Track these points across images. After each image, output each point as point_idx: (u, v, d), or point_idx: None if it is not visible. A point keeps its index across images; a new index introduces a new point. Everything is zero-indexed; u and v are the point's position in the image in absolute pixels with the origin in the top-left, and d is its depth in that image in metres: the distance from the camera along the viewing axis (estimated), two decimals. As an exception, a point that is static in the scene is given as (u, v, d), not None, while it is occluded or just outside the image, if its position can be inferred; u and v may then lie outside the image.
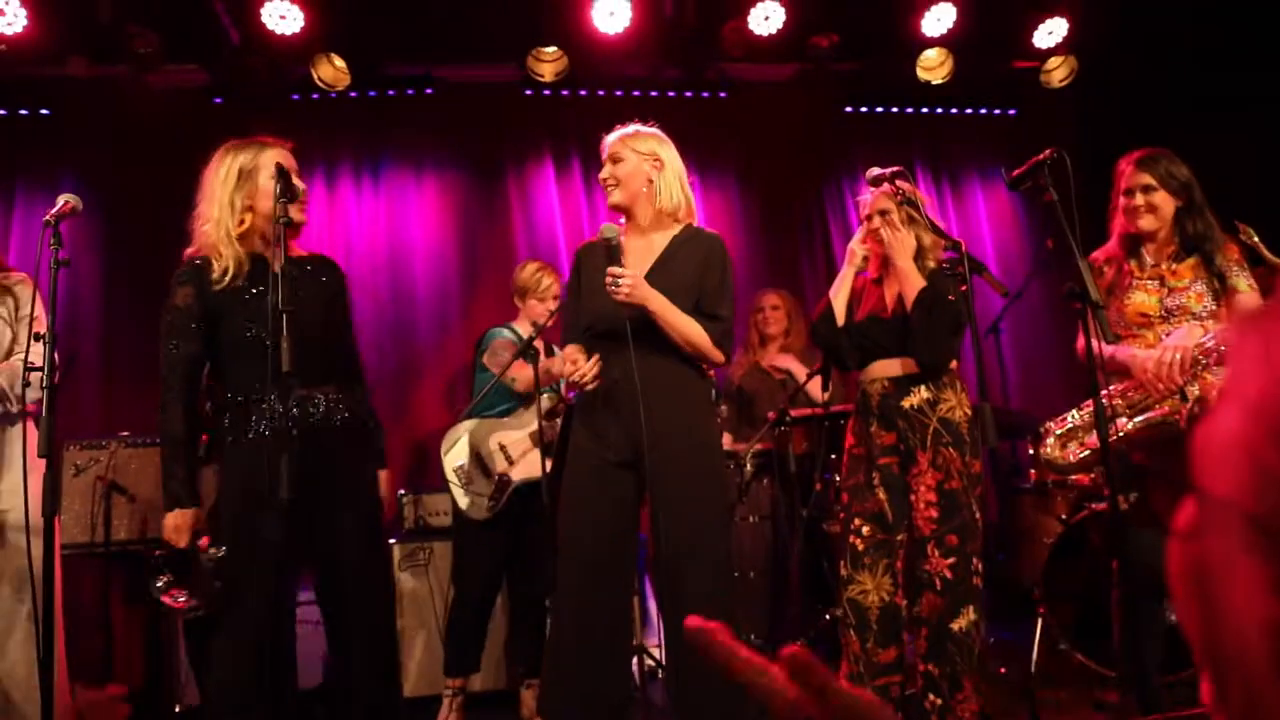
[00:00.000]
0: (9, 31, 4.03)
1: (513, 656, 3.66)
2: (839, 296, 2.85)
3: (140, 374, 4.45)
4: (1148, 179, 2.66)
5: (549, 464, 3.06)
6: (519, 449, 3.46)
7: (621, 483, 2.44)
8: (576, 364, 2.44)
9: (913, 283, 2.69)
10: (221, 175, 2.34)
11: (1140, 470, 2.63)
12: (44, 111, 4.66)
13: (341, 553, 2.38)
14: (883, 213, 2.76)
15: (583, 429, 2.52)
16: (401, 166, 4.99)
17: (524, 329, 3.61)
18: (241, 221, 2.37)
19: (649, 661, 3.46)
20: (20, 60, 4.19)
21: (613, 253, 2.40)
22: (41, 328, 2.24)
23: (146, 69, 4.32)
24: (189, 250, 2.41)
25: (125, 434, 3.79)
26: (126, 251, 4.57)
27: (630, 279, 2.36)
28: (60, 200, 2.36)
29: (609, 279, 2.36)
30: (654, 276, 2.47)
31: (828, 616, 3.83)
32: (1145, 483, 2.62)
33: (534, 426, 3.40)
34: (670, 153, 2.57)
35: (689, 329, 2.42)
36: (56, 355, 2.23)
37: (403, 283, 4.83)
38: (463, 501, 3.39)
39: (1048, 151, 2.23)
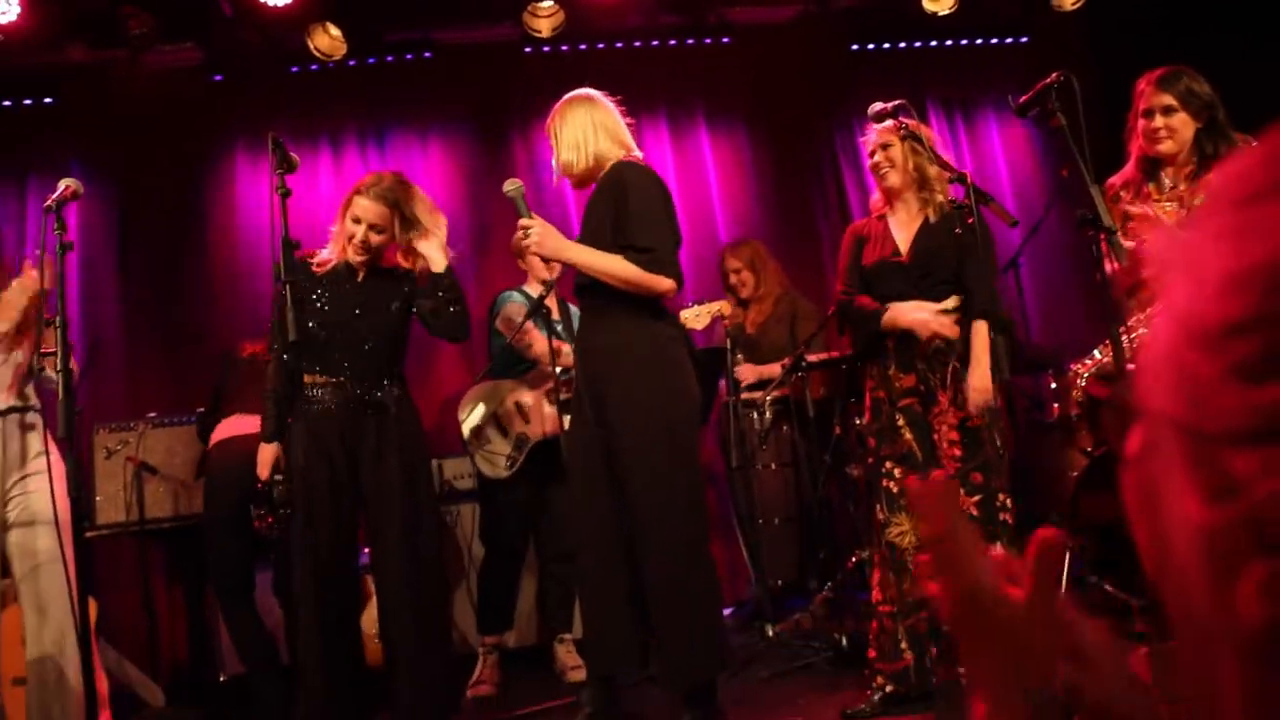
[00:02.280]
0: (3, 20, 4.02)
1: (544, 613, 3.71)
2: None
3: (162, 353, 4.50)
4: (1168, 99, 2.57)
5: (567, 420, 3.08)
6: (536, 407, 3.48)
7: (599, 443, 2.50)
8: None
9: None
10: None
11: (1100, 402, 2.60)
12: (47, 100, 4.66)
13: (392, 525, 2.66)
14: (884, 146, 2.70)
15: (576, 394, 2.58)
16: (406, 132, 4.96)
17: (534, 290, 3.60)
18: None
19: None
20: (18, 49, 4.18)
21: (517, 207, 2.47)
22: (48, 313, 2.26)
23: (143, 50, 4.30)
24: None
25: (153, 415, 3.85)
26: (140, 233, 4.60)
27: (537, 229, 2.40)
28: (61, 185, 2.36)
29: (519, 234, 2.39)
30: (583, 225, 2.54)
31: (854, 559, 3.84)
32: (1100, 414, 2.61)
33: (550, 384, 3.41)
34: (573, 111, 2.60)
35: (618, 268, 2.41)
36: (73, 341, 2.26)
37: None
38: (482, 464, 3.43)
39: (1053, 75, 2.17)
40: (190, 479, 3.77)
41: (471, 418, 3.47)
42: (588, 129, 2.58)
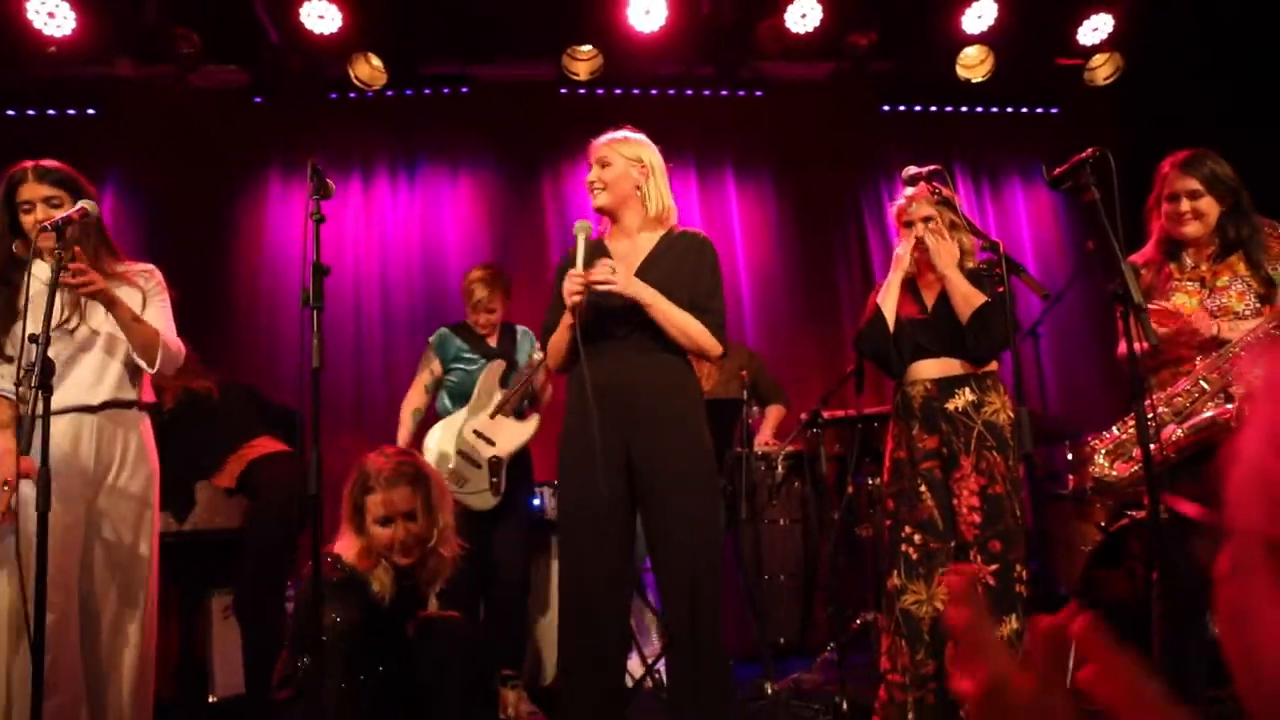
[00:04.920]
0: (58, 33, 4.12)
1: (492, 653, 3.66)
2: (888, 303, 2.76)
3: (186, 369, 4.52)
4: (1194, 184, 2.58)
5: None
6: (495, 427, 3.50)
7: (612, 480, 2.45)
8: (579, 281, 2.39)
9: (965, 295, 2.62)
10: None
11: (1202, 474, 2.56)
12: (90, 111, 4.75)
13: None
14: (926, 219, 2.70)
15: (572, 427, 2.54)
16: (437, 165, 5.02)
17: (478, 328, 3.74)
18: None
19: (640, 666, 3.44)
20: (69, 61, 4.29)
21: (579, 245, 2.43)
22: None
23: (189, 69, 4.39)
24: None
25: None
26: (171, 248, 4.64)
27: (621, 270, 2.40)
28: (75, 205, 2.39)
29: (598, 271, 2.37)
30: (642, 275, 2.50)
31: (859, 621, 3.79)
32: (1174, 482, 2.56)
33: (496, 400, 3.53)
34: (656, 158, 2.61)
35: (685, 321, 2.45)
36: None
37: (436, 281, 4.85)
38: (473, 503, 3.41)
39: (1090, 150, 2.18)
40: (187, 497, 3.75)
41: (441, 465, 3.45)
42: (667, 183, 2.61)
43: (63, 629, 2.35)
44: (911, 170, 2.59)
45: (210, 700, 3.75)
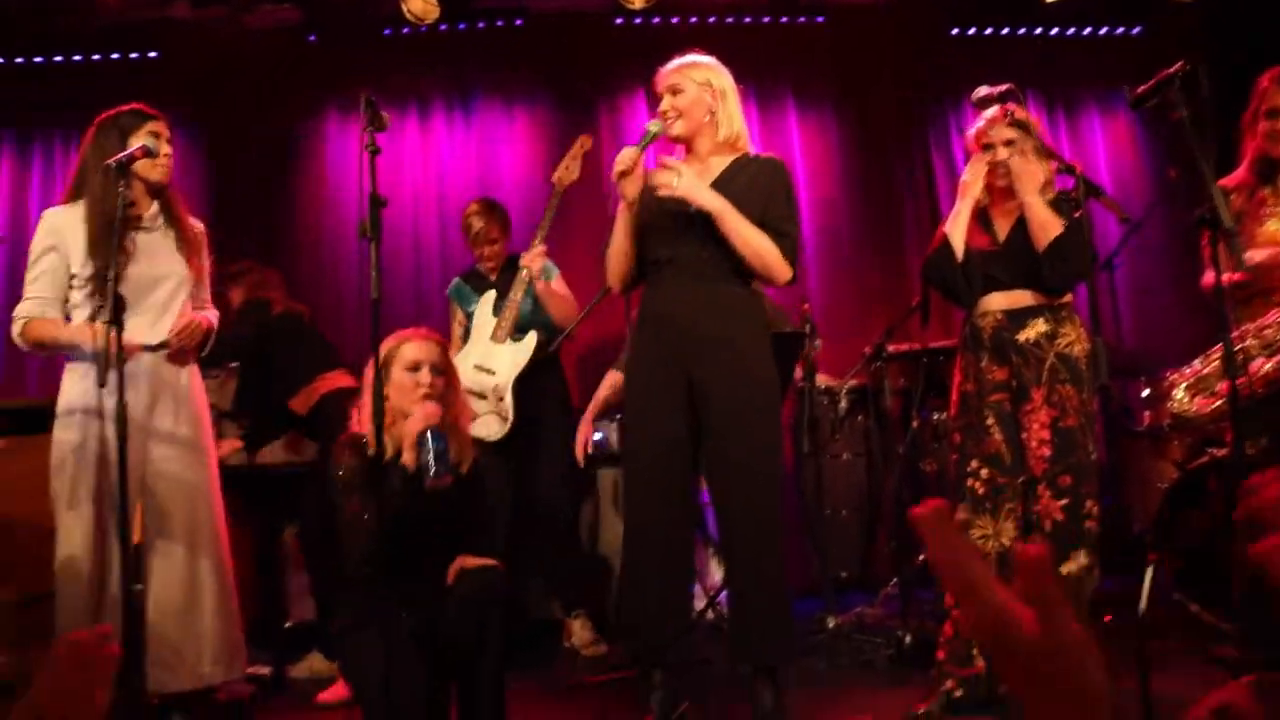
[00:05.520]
0: (116, -25, 4.14)
1: (552, 585, 3.71)
2: (956, 231, 2.63)
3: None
4: None
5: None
6: (491, 357, 3.50)
7: (673, 411, 2.46)
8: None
9: (1044, 222, 2.47)
10: None
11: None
12: (152, 54, 4.80)
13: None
14: (1008, 143, 2.55)
15: (638, 354, 2.54)
16: (492, 101, 4.97)
17: (483, 268, 3.75)
18: None
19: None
20: (128, 4, 4.33)
21: (645, 142, 2.41)
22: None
23: (243, 9, 4.40)
24: None
25: (234, 364, 3.94)
26: (232, 187, 4.71)
27: (686, 176, 2.36)
28: (132, 145, 2.42)
29: (662, 173, 2.34)
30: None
31: (922, 557, 3.75)
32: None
33: (490, 329, 3.54)
34: (727, 81, 2.54)
35: (758, 239, 2.40)
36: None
37: (512, 219, 4.83)
38: (476, 433, 3.42)
39: (1179, 64, 2.04)
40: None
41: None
42: (738, 106, 2.56)
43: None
44: (983, 91, 2.48)
45: (286, 626, 3.90)
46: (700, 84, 2.50)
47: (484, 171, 4.89)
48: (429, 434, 2.20)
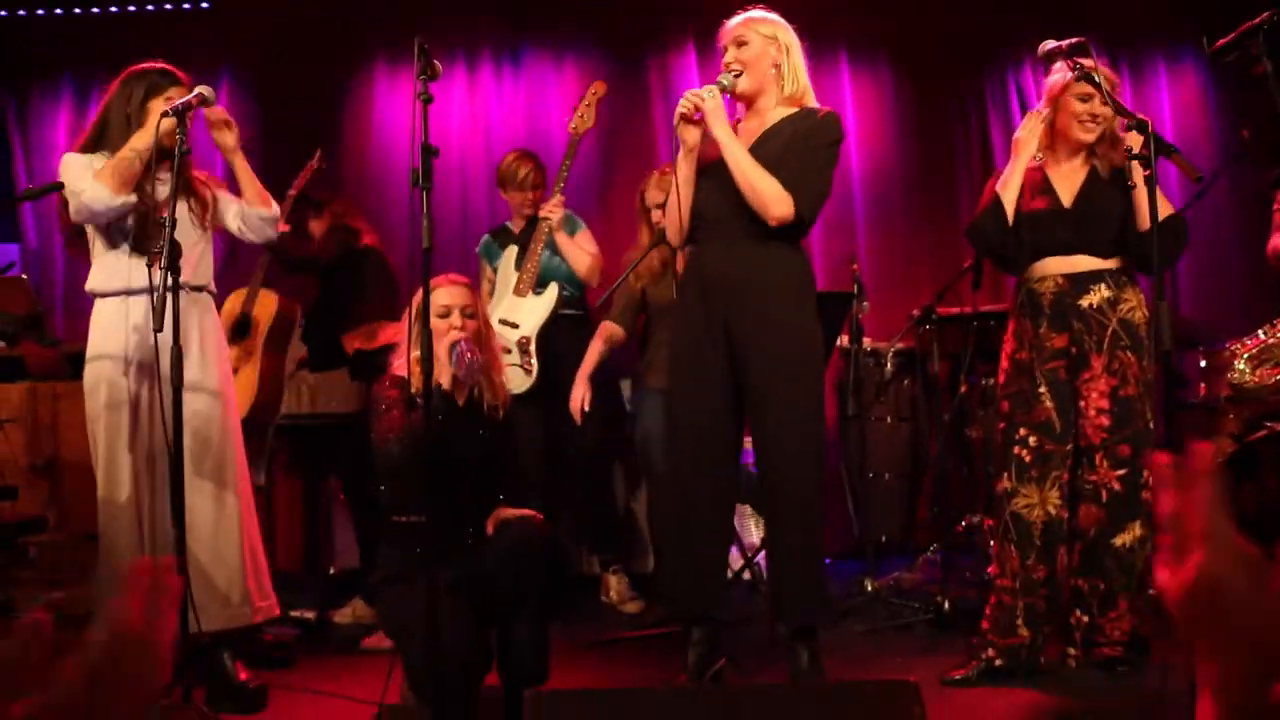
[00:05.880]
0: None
1: (582, 542, 3.73)
2: (1009, 191, 2.53)
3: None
4: None
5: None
6: (515, 311, 3.48)
7: (716, 371, 2.45)
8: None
9: (1158, 200, 2.24)
10: None
11: None
12: (204, 4, 4.81)
13: None
14: (1084, 98, 2.42)
15: (680, 317, 2.54)
16: (541, 52, 4.92)
17: (513, 224, 3.73)
18: None
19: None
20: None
21: (718, 89, 2.41)
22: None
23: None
24: None
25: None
26: (282, 137, 4.72)
27: (710, 102, 2.35)
28: (194, 90, 2.42)
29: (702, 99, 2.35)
30: (759, 147, 2.44)
31: (963, 524, 3.72)
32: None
33: (512, 283, 3.52)
34: (791, 36, 2.50)
35: (757, 174, 2.36)
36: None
37: (547, 172, 4.82)
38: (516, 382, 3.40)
39: (1266, 15, 1.94)
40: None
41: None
42: (803, 61, 2.52)
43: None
44: (1050, 45, 2.38)
45: (330, 572, 4.00)
46: (766, 37, 2.45)
47: (532, 124, 4.85)
48: (461, 343, 2.26)
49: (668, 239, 2.63)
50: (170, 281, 2.23)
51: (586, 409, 3.30)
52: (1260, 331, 2.46)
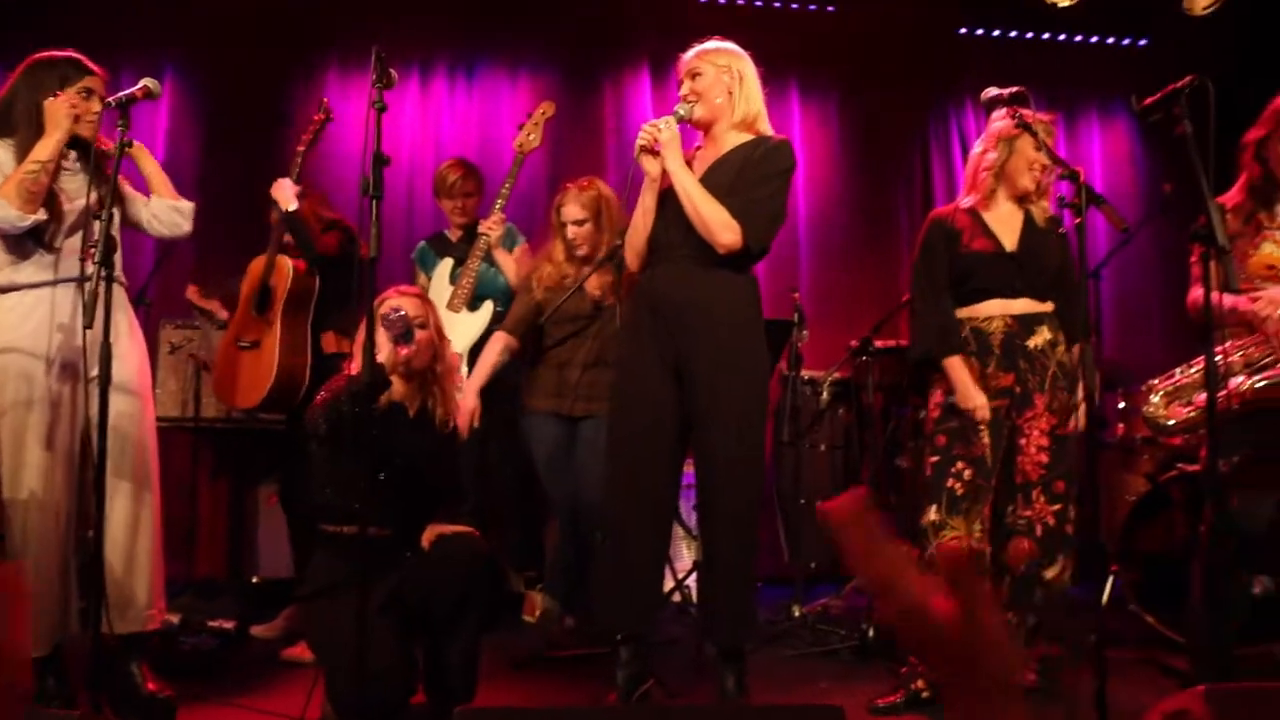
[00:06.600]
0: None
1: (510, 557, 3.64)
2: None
3: (236, 256, 4.55)
4: None
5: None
6: (448, 326, 3.37)
7: (663, 393, 2.48)
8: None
9: None
10: None
11: (1259, 429, 2.48)
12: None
13: None
14: (1039, 146, 2.49)
15: (627, 337, 2.56)
16: (496, 65, 4.91)
17: (451, 234, 3.71)
18: None
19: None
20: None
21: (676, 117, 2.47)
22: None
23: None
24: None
25: (223, 316, 3.89)
26: (225, 134, 4.63)
27: (666, 133, 2.41)
28: (139, 83, 2.37)
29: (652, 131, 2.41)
30: (709, 174, 2.49)
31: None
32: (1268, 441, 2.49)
33: (446, 297, 3.46)
34: (747, 66, 2.56)
35: (704, 202, 2.41)
36: None
37: (491, 185, 4.80)
38: None
39: (1188, 78, 2.05)
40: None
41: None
42: (758, 90, 2.58)
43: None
44: (992, 92, 2.47)
45: (254, 581, 3.90)
46: (720, 67, 2.52)
47: (484, 137, 4.84)
48: (390, 312, 2.26)
49: (626, 262, 2.64)
50: (104, 276, 2.17)
51: (476, 424, 3.13)
52: (1177, 370, 2.58)
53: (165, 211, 2.63)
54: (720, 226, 2.40)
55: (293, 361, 3.18)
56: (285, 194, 3.20)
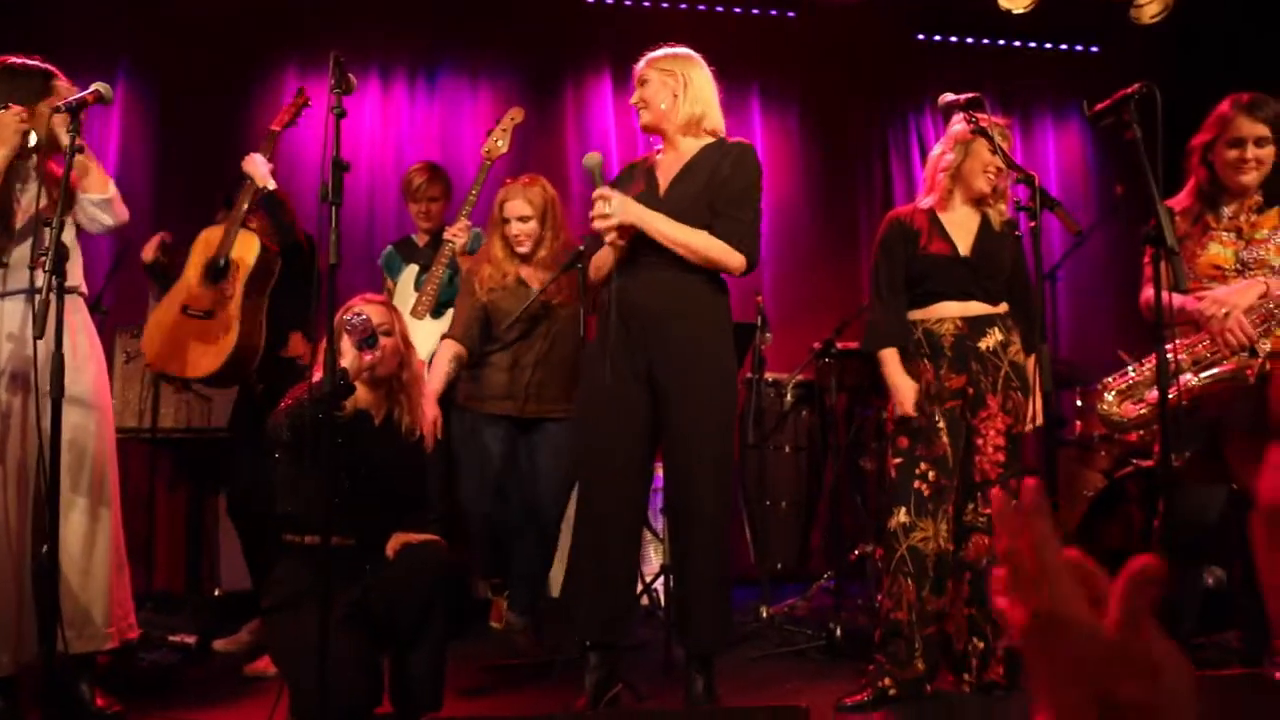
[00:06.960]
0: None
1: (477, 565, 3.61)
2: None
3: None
4: (1262, 129, 2.49)
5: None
6: (412, 332, 3.34)
7: (634, 401, 2.48)
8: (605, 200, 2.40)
9: None
10: None
11: (1208, 424, 2.55)
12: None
13: None
14: (995, 150, 2.50)
15: (603, 339, 2.55)
16: (457, 72, 4.89)
17: (418, 238, 3.69)
18: None
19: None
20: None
21: (594, 180, 2.45)
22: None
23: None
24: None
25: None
26: (179, 140, 4.56)
27: (616, 199, 2.39)
28: (91, 87, 2.33)
29: (594, 207, 2.39)
30: (675, 186, 2.50)
31: (856, 552, 3.83)
32: (1216, 435, 2.55)
33: (410, 303, 3.42)
34: (696, 70, 2.58)
35: (691, 238, 2.43)
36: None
37: (456, 191, 4.78)
38: None
39: (1137, 85, 2.10)
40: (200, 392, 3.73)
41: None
42: (713, 94, 2.59)
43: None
44: (948, 98, 2.50)
45: (215, 594, 3.83)
46: (664, 72, 2.54)
47: (445, 143, 4.82)
48: (352, 315, 2.24)
49: (590, 273, 2.65)
50: (55, 284, 2.13)
51: (439, 435, 3.00)
52: (1130, 369, 2.63)
53: (88, 207, 2.56)
54: (723, 254, 2.44)
55: (249, 336, 3.07)
56: (261, 170, 3.11)
